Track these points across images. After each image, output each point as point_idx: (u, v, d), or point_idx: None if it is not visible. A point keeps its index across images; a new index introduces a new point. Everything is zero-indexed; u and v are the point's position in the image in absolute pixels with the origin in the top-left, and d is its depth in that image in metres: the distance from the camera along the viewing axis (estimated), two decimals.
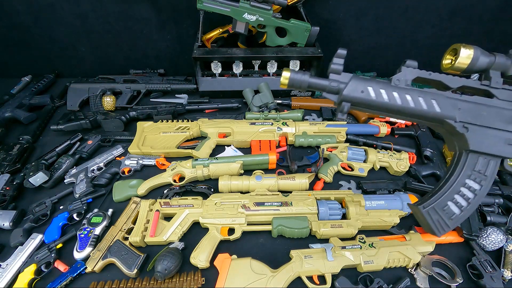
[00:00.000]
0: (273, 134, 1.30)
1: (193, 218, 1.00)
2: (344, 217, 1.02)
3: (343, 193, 1.06)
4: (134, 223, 1.01)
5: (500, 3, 1.45)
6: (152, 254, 0.93)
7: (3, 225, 1.02)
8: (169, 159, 1.24)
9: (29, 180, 1.08)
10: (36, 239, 0.99)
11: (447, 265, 0.94)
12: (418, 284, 0.89)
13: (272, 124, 1.31)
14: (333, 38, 1.60)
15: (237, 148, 1.31)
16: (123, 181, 1.15)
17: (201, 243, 0.94)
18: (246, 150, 1.31)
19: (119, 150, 1.28)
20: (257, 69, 1.56)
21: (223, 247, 0.97)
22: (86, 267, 0.90)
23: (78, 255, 0.93)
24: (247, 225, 1.00)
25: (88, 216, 1.02)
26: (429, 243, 0.93)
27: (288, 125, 1.31)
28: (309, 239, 0.99)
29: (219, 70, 1.50)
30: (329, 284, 0.86)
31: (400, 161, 1.19)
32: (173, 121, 1.36)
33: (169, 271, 0.84)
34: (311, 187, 1.15)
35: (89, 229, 0.98)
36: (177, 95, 1.58)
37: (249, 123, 1.32)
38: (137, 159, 1.22)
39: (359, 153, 1.21)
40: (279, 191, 1.08)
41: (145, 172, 1.23)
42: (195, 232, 1.01)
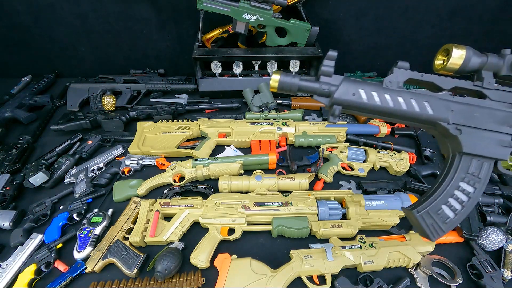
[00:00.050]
0: (273, 134, 1.30)
1: (193, 218, 1.00)
2: (344, 217, 1.02)
3: (343, 193, 1.06)
4: (134, 223, 1.01)
5: (500, 3, 1.45)
6: (152, 254, 0.93)
7: (3, 225, 1.02)
8: (169, 159, 1.24)
9: (29, 180, 1.08)
10: (36, 239, 0.99)
11: (447, 265, 0.94)
12: (418, 284, 0.89)
13: (272, 124, 1.31)
14: (333, 38, 1.60)
15: (237, 148, 1.31)
16: (123, 181, 1.15)
17: (201, 243, 0.94)
18: (246, 150, 1.31)
19: (119, 150, 1.28)
20: (257, 69, 1.56)
21: (223, 247, 0.97)
22: (86, 267, 0.90)
23: (78, 255, 0.93)
24: (247, 225, 1.00)
25: (88, 216, 1.02)
26: (429, 243, 0.93)
27: (288, 125, 1.31)
28: (309, 239, 0.99)
29: (219, 70, 1.50)
30: (329, 284, 0.86)
31: (400, 161, 1.19)
32: (173, 121, 1.36)
33: (169, 271, 0.84)
34: (311, 187, 1.15)
35: (89, 229, 0.98)
36: (177, 95, 1.58)
37: (249, 123, 1.32)
38: (137, 159, 1.22)
39: (359, 153, 1.21)
40: (279, 191, 1.08)
41: (145, 172, 1.23)
42: (195, 232, 1.01)
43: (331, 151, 1.23)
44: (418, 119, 0.72)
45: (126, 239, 0.97)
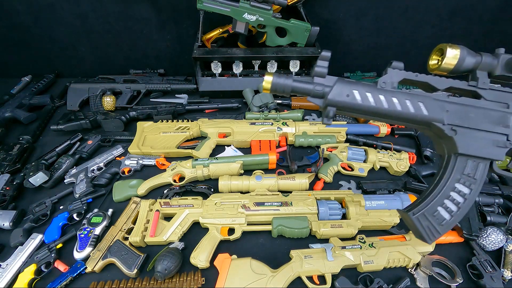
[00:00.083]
0: (273, 134, 1.30)
1: (193, 218, 1.00)
2: (344, 217, 1.02)
3: (343, 193, 1.06)
4: (134, 223, 1.01)
5: (500, 3, 1.45)
6: (152, 254, 0.93)
7: (3, 225, 1.02)
8: (169, 159, 1.24)
9: (29, 180, 1.08)
10: (36, 239, 0.99)
11: (447, 265, 0.94)
12: (418, 284, 0.89)
13: (272, 124, 1.31)
14: (333, 38, 1.60)
15: (237, 148, 1.31)
16: (123, 181, 1.15)
17: (201, 243, 0.94)
18: (246, 150, 1.31)
19: (119, 150, 1.28)
20: (257, 69, 1.56)
21: (223, 247, 0.97)
22: (86, 267, 0.90)
23: (78, 255, 0.93)
24: (247, 225, 1.00)
25: (88, 216, 1.02)
26: None
27: (288, 125, 1.31)
28: (309, 239, 0.99)
29: (219, 70, 1.50)
30: (329, 284, 0.86)
31: (400, 161, 1.19)
32: (173, 121, 1.36)
33: (169, 271, 0.84)
34: (311, 187, 1.14)
35: (89, 229, 0.98)
36: (177, 95, 1.58)
37: (249, 123, 1.32)
38: (137, 159, 1.22)
39: (359, 153, 1.21)
40: (279, 191, 1.08)
41: (145, 172, 1.23)
42: (195, 232, 1.01)
43: (331, 151, 1.23)
44: (413, 120, 0.71)
45: (126, 239, 0.97)
